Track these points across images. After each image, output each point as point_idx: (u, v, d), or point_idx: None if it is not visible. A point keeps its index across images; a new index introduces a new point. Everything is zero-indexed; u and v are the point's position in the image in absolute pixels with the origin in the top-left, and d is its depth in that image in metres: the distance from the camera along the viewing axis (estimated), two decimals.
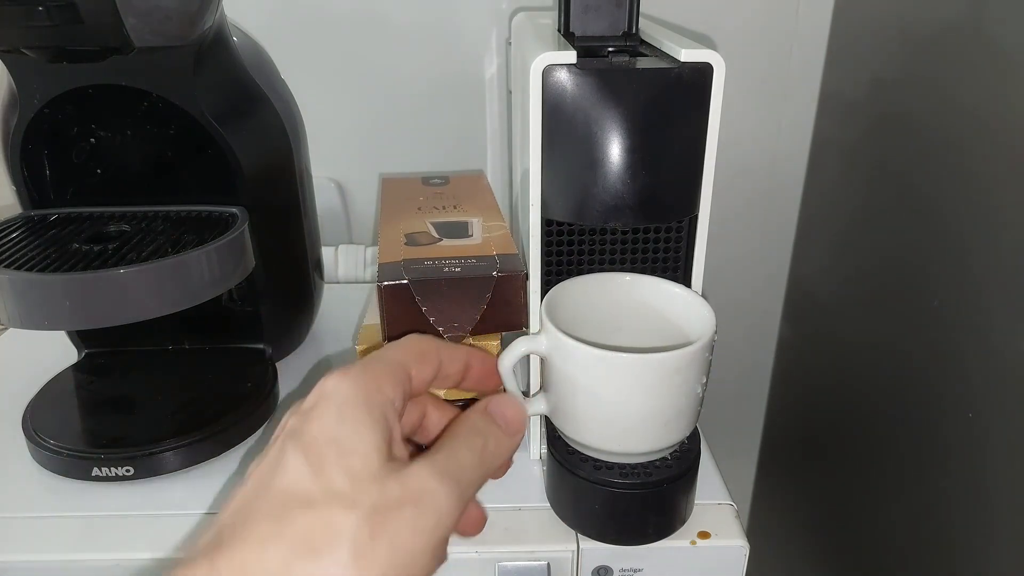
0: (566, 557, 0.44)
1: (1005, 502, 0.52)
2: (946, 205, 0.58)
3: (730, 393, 0.94)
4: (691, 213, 0.44)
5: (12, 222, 0.52)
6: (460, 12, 0.74)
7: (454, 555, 0.44)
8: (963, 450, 0.56)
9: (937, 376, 0.59)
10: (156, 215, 0.53)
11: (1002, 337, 0.52)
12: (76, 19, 0.42)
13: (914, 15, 0.62)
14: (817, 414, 0.82)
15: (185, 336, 0.60)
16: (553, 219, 0.44)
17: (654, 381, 0.40)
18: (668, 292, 0.45)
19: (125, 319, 0.45)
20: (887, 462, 0.67)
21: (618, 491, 0.42)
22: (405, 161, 0.80)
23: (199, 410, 0.53)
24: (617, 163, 0.41)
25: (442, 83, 0.77)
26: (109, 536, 0.45)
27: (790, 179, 0.82)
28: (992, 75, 0.53)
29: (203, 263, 0.48)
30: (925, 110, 0.61)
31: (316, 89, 0.75)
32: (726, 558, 0.45)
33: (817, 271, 0.82)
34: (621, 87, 0.40)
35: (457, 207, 0.58)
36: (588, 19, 0.46)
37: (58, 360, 0.59)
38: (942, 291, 0.58)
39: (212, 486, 0.49)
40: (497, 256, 0.48)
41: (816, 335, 0.82)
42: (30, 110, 0.50)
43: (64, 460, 0.49)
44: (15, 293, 0.44)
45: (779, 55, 0.77)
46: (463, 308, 0.46)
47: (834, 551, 0.79)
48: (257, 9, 0.72)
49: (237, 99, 0.53)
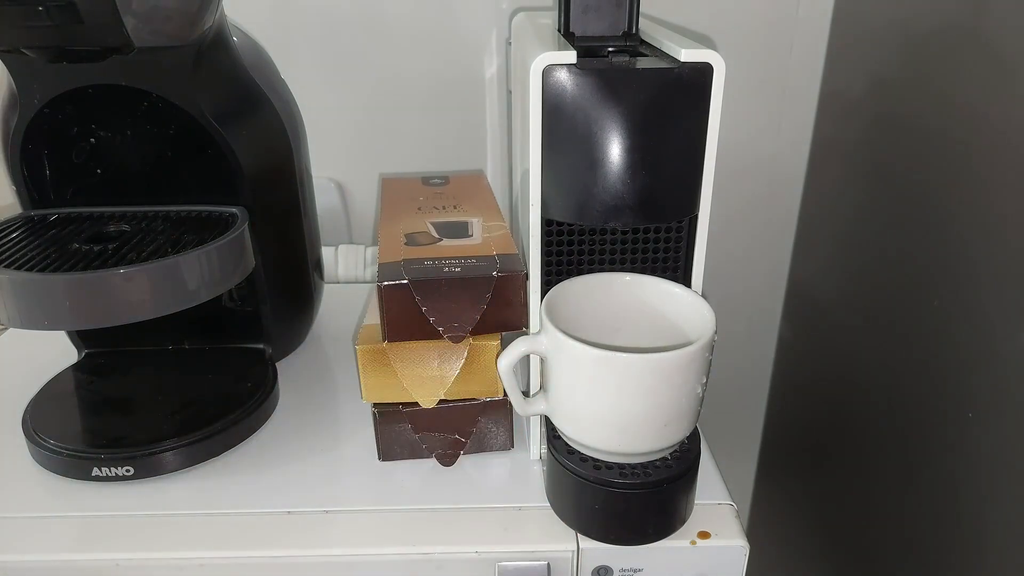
0: (566, 557, 0.44)
1: (1005, 502, 0.52)
2: (946, 205, 0.58)
3: (730, 393, 0.94)
4: (691, 213, 0.44)
5: (12, 222, 0.52)
6: (460, 12, 0.74)
7: (454, 555, 0.44)
8: (963, 450, 0.56)
9: (937, 376, 0.59)
10: (156, 215, 0.53)
11: (1002, 337, 0.52)
12: (76, 19, 0.42)
13: (914, 15, 0.62)
14: (817, 414, 0.82)
15: (185, 336, 0.60)
16: (553, 219, 0.44)
17: (654, 381, 0.40)
18: (668, 292, 0.45)
19: (125, 319, 0.45)
20: (887, 462, 0.67)
21: (618, 491, 0.42)
22: (405, 161, 0.80)
23: (199, 410, 0.53)
24: (617, 163, 0.41)
25: (442, 83, 0.77)
26: (109, 536, 0.45)
27: (790, 179, 0.82)
28: (992, 75, 0.53)
29: (203, 263, 0.48)
30: (925, 110, 0.61)
31: (316, 89, 0.75)
32: (726, 558, 0.45)
33: (817, 271, 0.82)
34: (621, 87, 0.40)
35: (457, 207, 0.58)
36: (588, 19, 0.46)
37: (58, 360, 0.59)
38: (942, 291, 0.58)
39: (212, 486, 0.49)
40: (497, 256, 0.48)
41: (816, 335, 0.82)
42: (30, 110, 0.50)
43: (64, 460, 0.49)
44: (15, 293, 0.44)
45: (779, 55, 0.77)
46: (463, 308, 0.46)
47: (834, 551, 0.79)
48: (257, 9, 0.72)
49: (237, 99, 0.53)
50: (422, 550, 0.44)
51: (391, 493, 0.48)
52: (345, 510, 0.47)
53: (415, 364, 0.48)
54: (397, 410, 0.49)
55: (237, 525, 0.46)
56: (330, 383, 0.60)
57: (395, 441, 0.50)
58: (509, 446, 0.51)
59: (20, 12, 0.42)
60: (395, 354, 0.48)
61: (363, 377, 0.48)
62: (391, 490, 0.49)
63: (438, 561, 0.44)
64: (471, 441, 0.51)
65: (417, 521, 0.46)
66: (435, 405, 0.49)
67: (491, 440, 0.51)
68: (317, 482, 0.49)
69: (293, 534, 0.45)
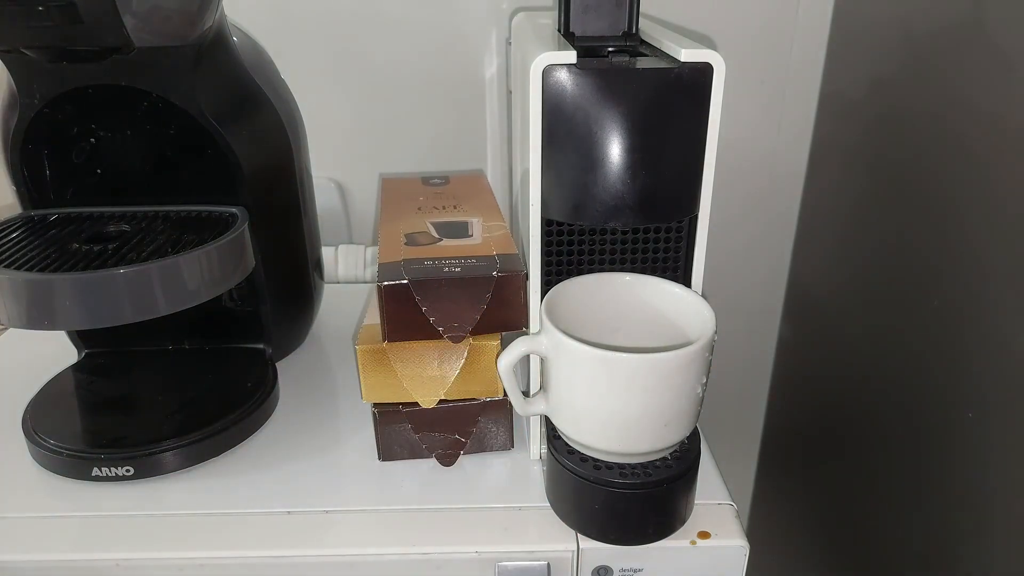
0: (566, 557, 0.44)
1: (1005, 502, 0.52)
2: (946, 204, 0.58)
3: (730, 393, 0.94)
4: (691, 213, 0.44)
5: (12, 222, 0.52)
6: (460, 12, 0.74)
7: (454, 555, 0.44)
8: (963, 450, 0.56)
9: (937, 376, 0.59)
10: (156, 215, 0.53)
11: (1003, 336, 0.52)
12: (76, 19, 0.42)
13: (914, 14, 0.62)
14: (817, 414, 0.82)
15: (185, 336, 0.60)
16: (553, 219, 0.44)
17: (654, 381, 0.40)
18: (668, 292, 0.45)
19: (125, 319, 0.45)
20: (887, 462, 0.67)
21: (618, 491, 0.42)
22: (405, 161, 0.80)
23: (199, 410, 0.53)
24: (617, 163, 0.41)
25: (442, 83, 0.77)
26: (109, 536, 0.45)
27: (790, 179, 0.82)
28: (992, 74, 0.53)
29: (203, 263, 0.48)
30: (925, 109, 0.61)
31: (316, 89, 0.75)
32: (726, 558, 0.45)
33: (817, 271, 0.82)
34: (621, 87, 0.40)
35: (457, 207, 0.58)
36: (588, 19, 0.46)
37: (58, 360, 0.59)
38: (942, 291, 0.58)
39: (212, 486, 0.49)
40: (497, 256, 0.48)
41: (816, 335, 0.82)
42: (30, 110, 0.50)
43: (64, 460, 0.49)
44: (15, 293, 0.44)
45: (779, 55, 0.77)
46: (463, 308, 0.46)
47: (834, 551, 0.79)
48: (257, 9, 0.72)
49: (237, 99, 0.53)
50: (422, 550, 0.44)
51: (391, 493, 0.48)
52: (345, 510, 0.47)
53: (415, 364, 0.48)
54: (397, 410, 0.49)
55: (237, 525, 0.46)
56: (330, 383, 0.60)
57: (395, 441, 0.50)
58: (509, 446, 0.51)
59: (20, 12, 0.42)
60: (395, 354, 0.48)
61: (363, 377, 0.48)
62: (391, 490, 0.49)
63: (438, 561, 0.44)
64: (471, 441, 0.51)
65: (417, 521, 0.46)
66: (435, 405, 0.49)
67: (491, 440, 0.51)
68: (317, 482, 0.49)
69: (293, 534, 0.45)
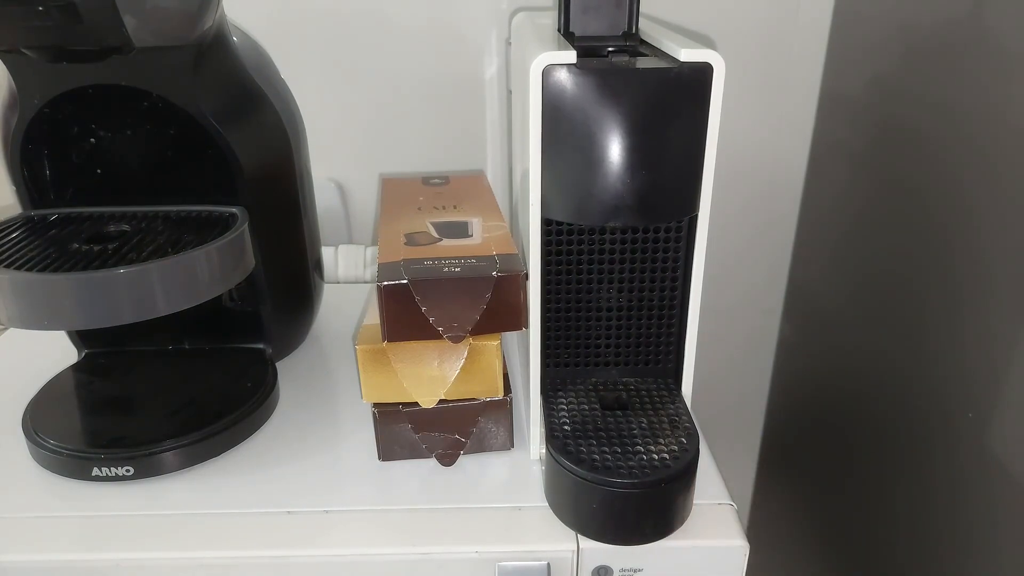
0: (566, 557, 0.44)
1: (1005, 501, 0.52)
2: (946, 203, 0.58)
3: (730, 393, 0.94)
4: (691, 213, 0.44)
5: (12, 222, 0.52)
6: (460, 12, 0.74)
7: (454, 555, 0.44)
8: (963, 450, 0.56)
9: (937, 376, 0.59)
10: (156, 215, 0.53)
11: (1003, 336, 0.52)
12: (76, 19, 0.42)
13: (914, 15, 0.62)
14: (817, 414, 0.82)
15: (185, 336, 0.60)
16: (553, 219, 0.44)
17: None
18: None
19: (125, 319, 0.45)
20: (887, 462, 0.67)
21: (617, 491, 0.42)
22: (405, 161, 0.80)
23: (199, 410, 0.53)
24: (617, 163, 0.41)
25: (442, 83, 0.77)
26: (109, 536, 0.45)
27: (790, 179, 0.82)
28: (992, 74, 0.53)
29: (203, 263, 0.48)
30: (925, 110, 0.60)
31: (316, 89, 0.75)
32: (726, 558, 0.45)
33: (817, 271, 0.82)
34: (621, 87, 0.40)
35: (457, 207, 0.58)
36: (588, 19, 0.46)
37: (58, 360, 0.59)
38: (942, 291, 0.58)
39: (212, 486, 0.49)
40: (497, 256, 0.48)
41: (816, 335, 0.82)
42: (30, 110, 0.50)
43: (64, 460, 0.49)
44: (15, 293, 0.44)
45: (779, 55, 0.77)
46: (463, 308, 0.46)
47: (834, 551, 0.79)
48: (257, 9, 0.72)
49: (237, 99, 0.53)
50: (422, 550, 0.44)
51: (391, 493, 0.48)
52: (345, 510, 0.47)
53: (415, 364, 0.48)
54: (397, 410, 0.49)
55: (237, 525, 0.46)
56: (330, 383, 0.60)
57: (395, 441, 0.50)
58: (509, 446, 0.51)
59: (20, 12, 0.42)
60: (395, 354, 0.48)
61: (363, 377, 0.48)
62: (391, 490, 0.48)
63: (438, 561, 0.44)
64: (471, 441, 0.51)
65: (417, 521, 0.46)
66: (435, 405, 0.49)
67: (491, 440, 0.51)
68: (317, 482, 0.49)
69: (293, 534, 0.45)
